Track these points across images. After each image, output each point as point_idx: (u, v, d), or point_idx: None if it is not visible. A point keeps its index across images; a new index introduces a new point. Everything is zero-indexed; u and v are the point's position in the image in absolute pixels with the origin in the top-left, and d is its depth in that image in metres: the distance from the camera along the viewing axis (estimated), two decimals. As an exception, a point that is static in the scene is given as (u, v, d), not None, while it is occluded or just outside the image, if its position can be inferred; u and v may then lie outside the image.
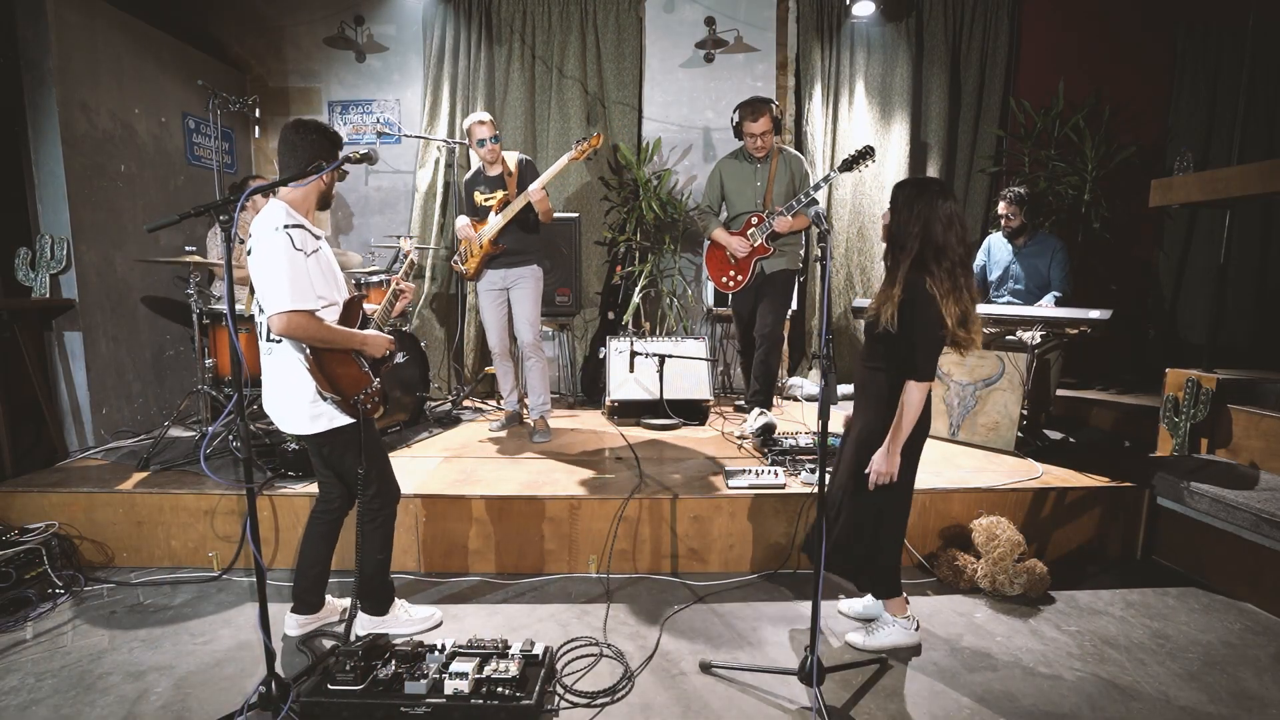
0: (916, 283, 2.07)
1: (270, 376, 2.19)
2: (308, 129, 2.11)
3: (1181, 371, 3.45)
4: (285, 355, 2.12)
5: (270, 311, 2.01)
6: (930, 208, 2.07)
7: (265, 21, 5.02)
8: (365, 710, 1.90)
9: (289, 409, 2.16)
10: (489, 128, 3.57)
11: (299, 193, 2.12)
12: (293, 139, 2.10)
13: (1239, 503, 2.70)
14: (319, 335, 2.05)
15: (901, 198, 2.14)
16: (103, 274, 3.71)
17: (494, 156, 3.64)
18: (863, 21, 4.90)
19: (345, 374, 2.11)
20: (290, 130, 2.11)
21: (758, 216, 3.69)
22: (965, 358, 3.63)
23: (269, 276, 1.99)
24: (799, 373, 5.17)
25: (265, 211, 2.07)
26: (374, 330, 2.25)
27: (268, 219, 2.04)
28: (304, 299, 2.01)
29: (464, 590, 2.76)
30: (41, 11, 3.37)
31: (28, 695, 2.09)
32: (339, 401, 2.10)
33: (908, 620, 2.33)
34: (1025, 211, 4.02)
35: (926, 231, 2.07)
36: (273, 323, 2.01)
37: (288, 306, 1.98)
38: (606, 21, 4.89)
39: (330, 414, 2.14)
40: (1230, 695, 2.12)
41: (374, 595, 2.37)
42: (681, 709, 2.04)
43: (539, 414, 3.86)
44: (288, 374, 2.13)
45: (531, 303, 3.71)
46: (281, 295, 1.98)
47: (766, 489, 2.92)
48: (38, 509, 2.90)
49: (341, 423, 2.16)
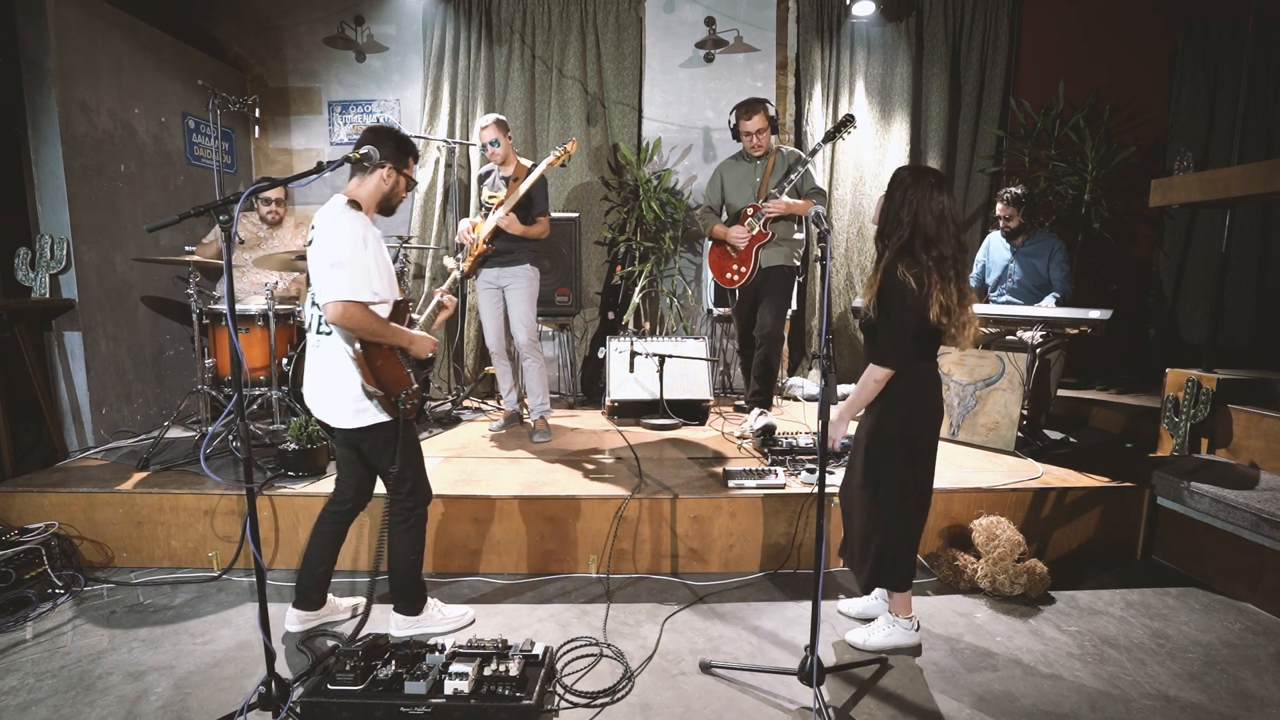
0: (891, 269, 2.09)
1: (317, 368, 2.23)
2: (379, 132, 2.21)
3: (1181, 371, 3.45)
4: (334, 347, 2.16)
5: (325, 299, 2.05)
6: (924, 196, 2.08)
7: (265, 21, 5.02)
8: (365, 710, 1.90)
9: (334, 401, 2.18)
10: (492, 130, 3.59)
11: (363, 191, 2.19)
12: (365, 139, 2.18)
13: (1239, 503, 2.70)
14: (371, 328, 2.09)
15: (896, 183, 2.15)
16: (103, 274, 3.71)
17: (501, 158, 3.67)
18: (863, 21, 4.90)
19: (390, 372, 2.15)
20: (368, 132, 2.21)
21: (753, 206, 3.72)
22: (965, 358, 3.63)
23: (330, 266, 2.05)
24: (799, 373, 5.17)
25: (332, 205, 2.16)
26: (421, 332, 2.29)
27: (333, 211, 2.13)
28: (360, 291, 2.06)
29: (464, 590, 2.76)
30: (41, 11, 3.37)
31: (28, 695, 2.09)
32: (382, 398, 2.13)
33: (909, 620, 2.33)
34: (1024, 211, 4.00)
35: (916, 220, 2.07)
36: (327, 311, 2.05)
37: (345, 296, 2.03)
38: (606, 21, 4.89)
39: (373, 410, 2.17)
40: (1230, 695, 2.12)
41: (407, 595, 2.37)
42: (681, 709, 2.04)
43: (539, 414, 3.86)
44: (336, 366, 2.17)
45: (525, 303, 3.71)
46: (340, 285, 2.03)
47: (766, 489, 2.92)
48: (38, 509, 2.90)
49: (383, 419, 2.18)
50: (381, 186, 2.21)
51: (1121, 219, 4.88)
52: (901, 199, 2.11)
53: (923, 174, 2.14)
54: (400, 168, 2.22)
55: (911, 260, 2.07)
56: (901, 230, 2.10)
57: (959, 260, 2.10)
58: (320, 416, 2.25)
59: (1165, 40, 5.00)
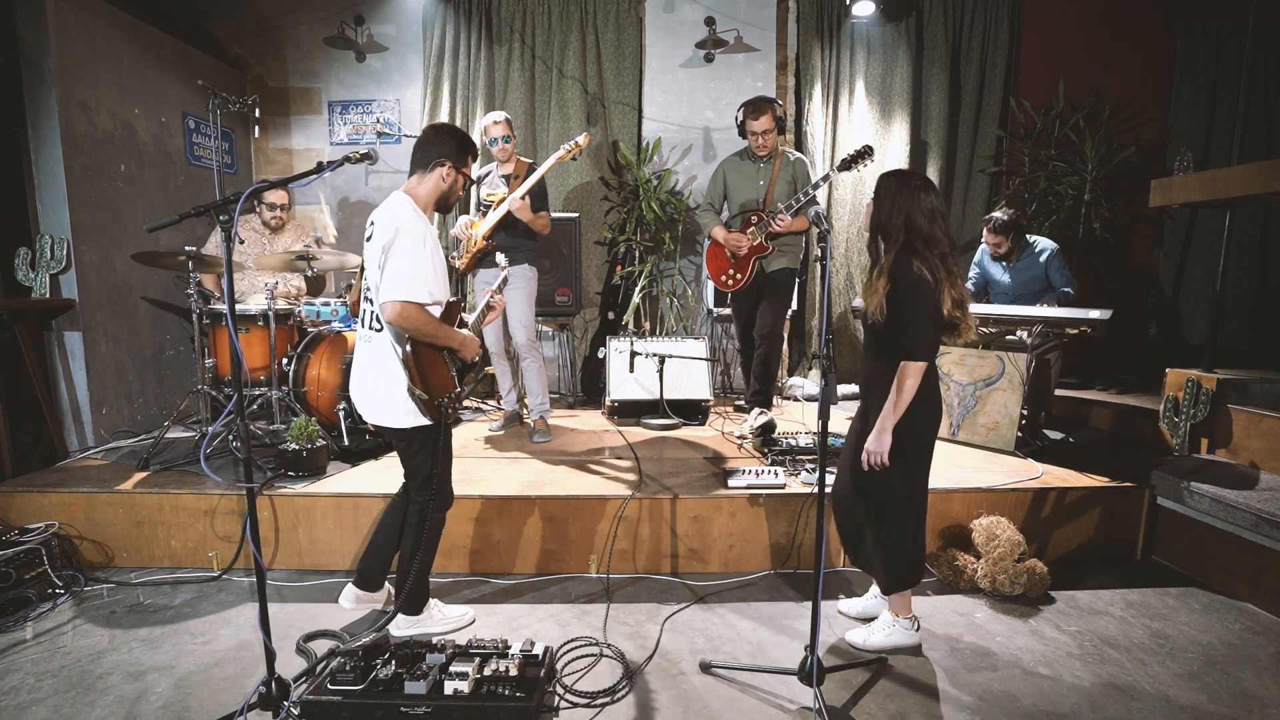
0: (904, 266, 2.09)
1: (366, 366, 2.24)
2: (441, 130, 2.24)
3: (1181, 371, 3.45)
4: (384, 346, 2.18)
5: (383, 299, 2.06)
6: (912, 200, 2.11)
7: (265, 21, 5.02)
8: (365, 710, 1.90)
9: (384, 400, 2.19)
10: (503, 127, 3.63)
11: (423, 189, 2.21)
12: (428, 135, 2.22)
13: (1239, 503, 2.70)
14: (425, 329, 2.11)
15: (884, 189, 2.17)
16: (102, 274, 3.71)
17: (507, 155, 3.69)
18: (863, 21, 4.90)
19: (436, 375, 2.15)
20: (429, 129, 2.25)
21: (757, 215, 3.70)
22: (965, 357, 3.63)
23: (390, 264, 2.06)
24: (799, 373, 5.16)
25: (392, 202, 2.17)
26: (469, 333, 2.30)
27: (395, 208, 2.13)
28: (418, 291, 2.08)
29: (464, 590, 2.76)
30: (41, 11, 3.37)
31: (28, 695, 2.09)
32: (425, 402, 2.13)
33: (909, 620, 2.33)
34: (1013, 236, 3.90)
35: (911, 222, 2.10)
36: (385, 310, 2.07)
37: (402, 296, 2.04)
38: (606, 21, 4.89)
39: (417, 412, 2.17)
40: (1230, 695, 2.12)
41: (412, 596, 2.37)
42: (681, 709, 2.04)
43: (538, 414, 3.86)
44: (387, 365, 2.18)
45: (523, 303, 3.71)
46: (399, 284, 2.05)
47: (766, 489, 2.92)
48: (38, 509, 2.90)
49: (426, 421, 2.19)
50: (440, 185, 2.23)
51: (1121, 219, 4.88)
52: (891, 206, 2.13)
53: (907, 177, 2.17)
54: (460, 166, 2.24)
55: (919, 257, 2.10)
56: (897, 235, 2.12)
57: (954, 253, 2.16)
58: (368, 416, 2.27)
59: (1165, 40, 5.00)
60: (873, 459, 2.16)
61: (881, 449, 2.14)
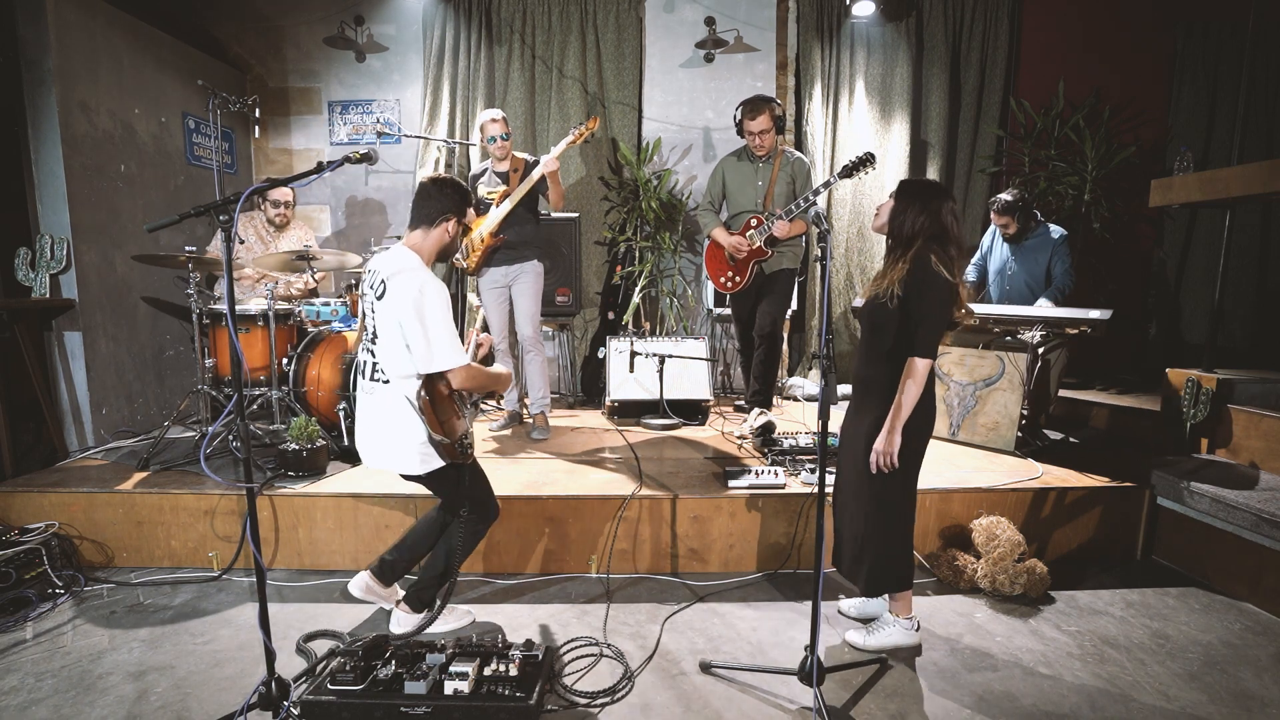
0: (924, 258, 2.10)
1: (372, 416, 2.24)
2: (443, 184, 2.25)
3: (1181, 371, 3.45)
4: (391, 396, 2.18)
5: (445, 366, 2.09)
6: (939, 201, 2.15)
7: (265, 21, 5.02)
8: (365, 710, 1.90)
9: (399, 450, 2.20)
10: (501, 125, 3.66)
11: (428, 244, 2.22)
12: (430, 190, 2.23)
13: (1239, 503, 2.70)
14: (484, 383, 2.20)
15: (912, 190, 2.20)
16: (102, 274, 3.71)
17: (504, 153, 3.71)
18: (863, 21, 4.90)
19: (451, 419, 2.17)
20: (429, 183, 2.25)
21: (757, 219, 3.69)
22: (965, 357, 3.63)
23: (431, 330, 2.07)
24: (799, 373, 5.17)
25: (402, 259, 2.16)
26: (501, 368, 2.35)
27: (408, 266, 2.13)
28: (461, 351, 2.13)
29: (464, 590, 2.76)
30: (41, 11, 3.37)
31: (28, 695, 2.09)
32: (447, 446, 2.13)
33: (909, 621, 2.33)
34: (1020, 215, 3.94)
35: (935, 221, 2.13)
36: (454, 377, 2.12)
37: (461, 361, 2.11)
38: (606, 21, 4.89)
39: (434, 456, 2.17)
40: (1230, 695, 2.12)
41: (420, 596, 2.39)
42: (681, 709, 2.04)
43: (539, 410, 3.88)
44: (395, 416, 2.18)
45: (532, 298, 3.75)
46: (452, 349, 2.10)
47: (766, 489, 2.92)
48: (38, 509, 2.90)
49: (442, 464, 2.20)
50: (444, 239, 2.25)
51: (1121, 219, 4.88)
52: (921, 206, 2.15)
53: (929, 183, 2.25)
54: (461, 218, 2.26)
55: (941, 253, 2.11)
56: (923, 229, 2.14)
57: (964, 263, 2.20)
58: (381, 466, 2.27)
59: (1165, 40, 5.00)
60: (883, 459, 2.15)
61: (892, 449, 2.13)
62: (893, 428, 2.13)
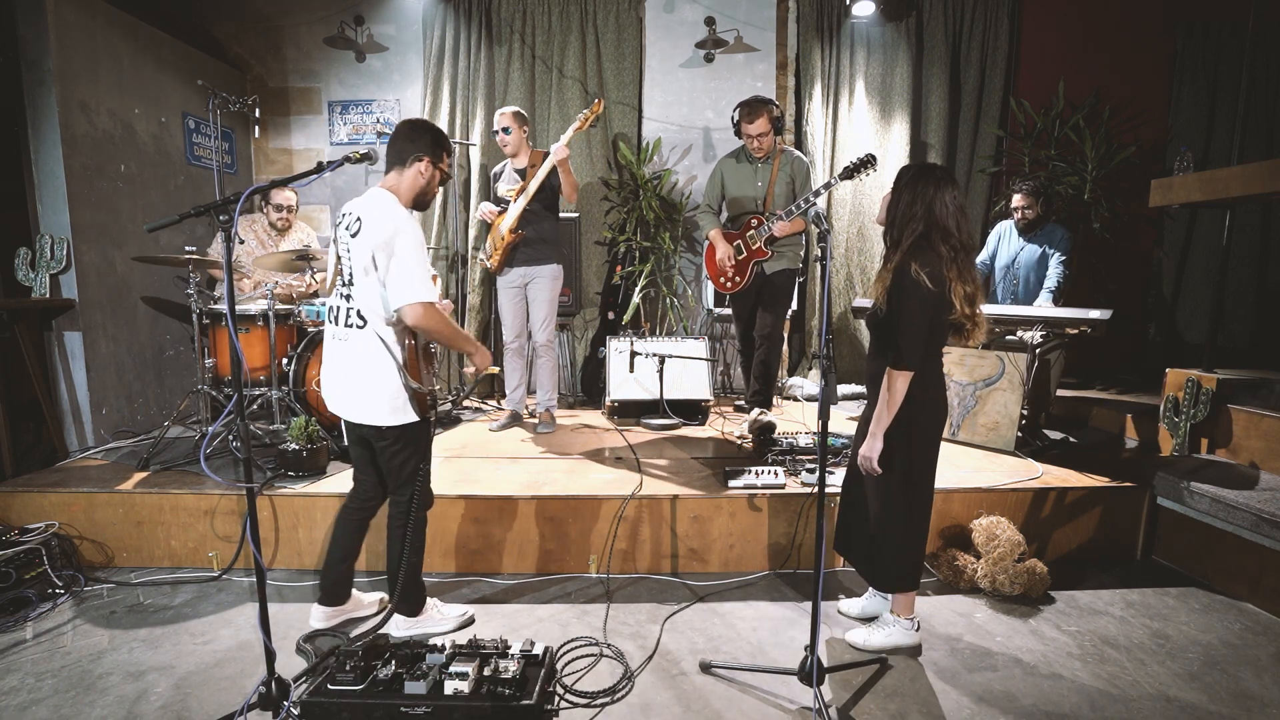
0: (904, 269, 2.06)
1: (344, 364, 2.18)
2: (417, 125, 2.20)
3: (1181, 371, 3.45)
4: (366, 343, 2.12)
5: (404, 301, 2.03)
6: (935, 190, 2.07)
7: (265, 21, 5.02)
8: (365, 710, 1.90)
9: (369, 397, 2.15)
10: (506, 118, 3.70)
11: (403, 185, 2.18)
12: (402, 130, 2.18)
13: (1239, 503, 2.70)
14: (445, 329, 2.12)
15: (905, 179, 2.14)
16: (102, 274, 3.71)
17: (512, 150, 3.75)
18: (863, 21, 4.90)
19: (425, 369, 2.15)
20: (403, 125, 2.20)
21: (757, 219, 3.68)
22: (965, 357, 3.63)
23: (396, 265, 2.02)
24: (799, 373, 5.16)
25: (378, 198, 2.12)
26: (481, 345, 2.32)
27: (384, 205, 2.09)
28: (430, 290, 2.06)
29: (464, 590, 2.76)
30: (41, 11, 3.37)
31: (28, 695, 2.09)
32: (421, 393, 2.10)
33: (909, 620, 2.33)
34: (1041, 203, 3.96)
35: (931, 212, 2.07)
36: (408, 313, 2.04)
37: (424, 297, 2.02)
38: (606, 21, 4.89)
39: (409, 409, 2.15)
40: (1230, 695, 2.12)
41: (409, 597, 2.36)
42: (681, 709, 2.04)
43: (545, 407, 3.92)
44: (369, 362, 2.13)
45: (547, 303, 3.77)
46: (415, 286, 2.03)
47: (766, 489, 2.92)
48: (38, 509, 2.90)
49: (414, 419, 2.17)
50: (418, 181, 2.19)
51: (1121, 219, 4.88)
52: (913, 195, 2.09)
53: (929, 169, 2.13)
54: (436, 161, 2.21)
55: (927, 256, 2.06)
56: (915, 224, 2.08)
57: (970, 248, 2.12)
58: (348, 415, 2.22)
59: (1165, 40, 5.00)
60: (864, 464, 2.16)
61: (872, 454, 2.14)
62: (873, 433, 2.14)
